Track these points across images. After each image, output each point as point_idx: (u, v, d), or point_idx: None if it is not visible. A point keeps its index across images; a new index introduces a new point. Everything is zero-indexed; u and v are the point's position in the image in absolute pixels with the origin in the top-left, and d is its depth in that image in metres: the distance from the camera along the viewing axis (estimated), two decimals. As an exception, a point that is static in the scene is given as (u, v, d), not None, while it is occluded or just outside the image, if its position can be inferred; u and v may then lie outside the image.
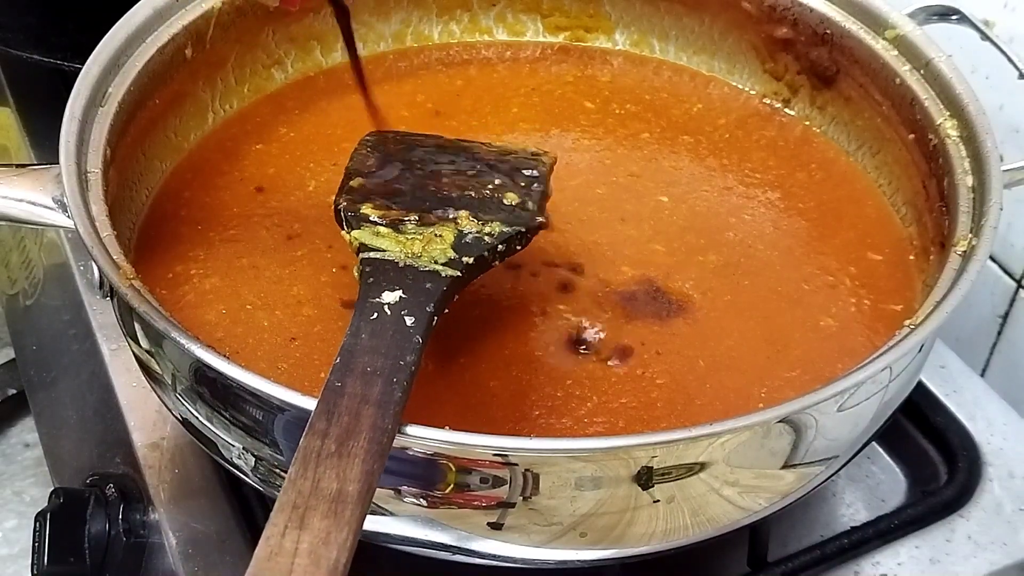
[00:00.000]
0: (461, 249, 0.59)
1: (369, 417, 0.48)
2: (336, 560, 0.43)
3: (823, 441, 0.57)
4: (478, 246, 0.60)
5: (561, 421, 0.60)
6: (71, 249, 0.89)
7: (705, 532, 0.57)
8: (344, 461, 0.46)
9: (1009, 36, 0.81)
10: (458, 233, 0.60)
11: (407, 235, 0.60)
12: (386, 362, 0.51)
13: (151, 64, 0.72)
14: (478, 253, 0.60)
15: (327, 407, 0.48)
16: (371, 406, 0.48)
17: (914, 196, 0.73)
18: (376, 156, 0.67)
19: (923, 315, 0.58)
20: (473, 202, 0.63)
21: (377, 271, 0.58)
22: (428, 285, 0.57)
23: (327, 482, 0.45)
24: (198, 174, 0.76)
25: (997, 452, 0.76)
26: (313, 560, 0.42)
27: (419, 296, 0.56)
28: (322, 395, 0.49)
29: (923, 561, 0.70)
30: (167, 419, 0.74)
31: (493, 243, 0.61)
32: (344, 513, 0.44)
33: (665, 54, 0.90)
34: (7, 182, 0.62)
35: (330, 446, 0.47)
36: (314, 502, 0.44)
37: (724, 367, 0.64)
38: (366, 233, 0.60)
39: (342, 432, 0.47)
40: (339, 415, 0.48)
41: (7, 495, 1.10)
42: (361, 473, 0.46)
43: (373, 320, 0.54)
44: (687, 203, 0.76)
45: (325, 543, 0.43)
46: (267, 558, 0.42)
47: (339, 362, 0.51)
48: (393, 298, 0.55)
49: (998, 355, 0.92)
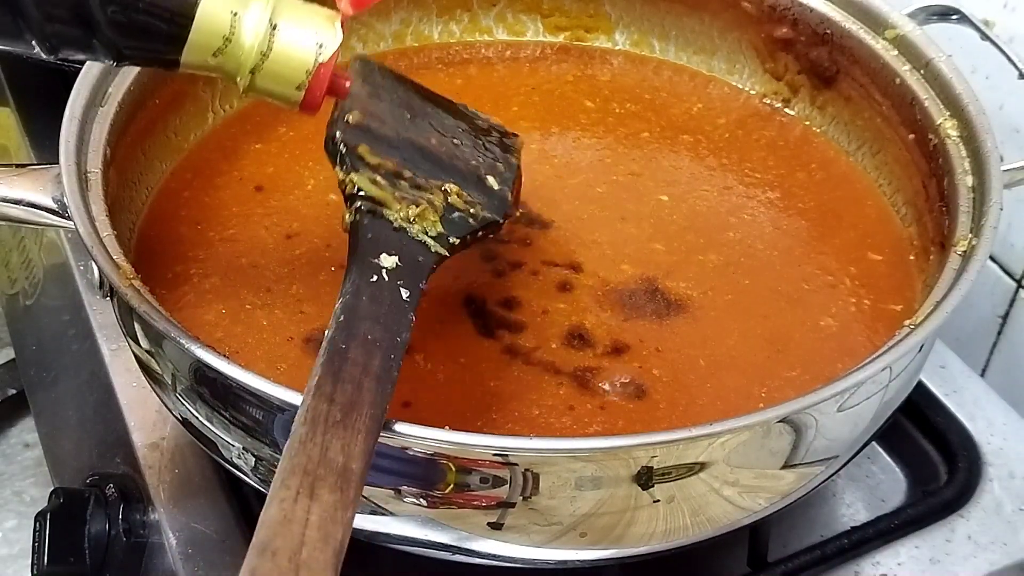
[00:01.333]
0: (449, 226, 0.58)
1: (370, 392, 0.47)
2: (341, 541, 0.43)
3: (823, 441, 0.57)
4: (464, 227, 0.59)
5: (561, 421, 0.60)
6: (71, 249, 0.89)
7: (705, 532, 0.57)
8: (349, 434, 0.45)
9: (1009, 36, 0.81)
10: (446, 207, 0.59)
11: (401, 192, 0.58)
12: (385, 335, 0.50)
13: (151, 64, 0.72)
14: (463, 234, 0.58)
15: (332, 369, 0.48)
16: (371, 379, 0.48)
17: (914, 196, 0.73)
18: (367, 88, 0.63)
19: (923, 315, 0.58)
20: (462, 176, 0.61)
21: (375, 227, 0.56)
22: (420, 258, 0.56)
23: (334, 453, 0.45)
24: (198, 174, 0.76)
25: (997, 452, 0.76)
26: (322, 536, 0.42)
27: (412, 268, 0.54)
28: (327, 355, 0.48)
29: (923, 561, 0.70)
30: (167, 419, 0.74)
31: (476, 227, 0.59)
32: (348, 491, 0.44)
33: (665, 54, 0.90)
34: (7, 182, 0.62)
35: (335, 413, 0.46)
36: (323, 472, 0.44)
37: (724, 367, 0.64)
38: (364, 179, 0.58)
39: (346, 402, 0.47)
40: (343, 381, 0.47)
41: (7, 495, 1.10)
42: (363, 451, 0.45)
43: (373, 283, 0.53)
44: (687, 202, 0.76)
45: (332, 520, 0.43)
46: (281, 522, 0.42)
47: (343, 320, 0.50)
48: (391, 263, 0.54)
49: (998, 355, 0.92)
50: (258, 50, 0.52)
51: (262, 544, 0.41)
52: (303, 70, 0.52)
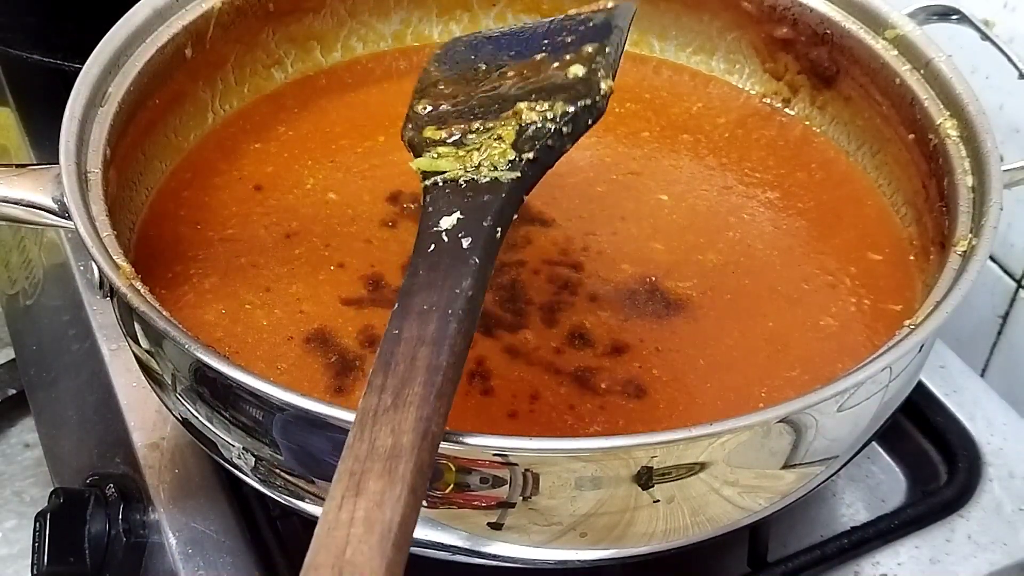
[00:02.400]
0: (521, 146, 0.55)
1: (424, 358, 0.45)
2: (390, 520, 0.40)
3: (823, 441, 0.57)
4: (539, 135, 0.55)
5: (561, 420, 0.60)
6: (71, 249, 0.89)
7: (705, 532, 0.57)
8: (400, 413, 0.43)
9: (1009, 36, 0.81)
10: (519, 128, 0.56)
11: (468, 148, 0.56)
12: (441, 295, 0.48)
13: (151, 64, 0.72)
14: (541, 143, 0.55)
15: (384, 359, 0.46)
16: (426, 346, 0.46)
17: (914, 196, 0.73)
18: (443, 69, 0.62)
19: (923, 315, 0.58)
20: (534, 90, 0.57)
21: (437, 197, 0.54)
22: (486, 197, 0.53)
23: (383, 439, 0.43)
24: (197, 174, 0.76)
25: (997, 452, 0.76)
26: (367, 527, 0.40)
27: (477, 213, 0.52)
28: (380, 347, 0.47)
29: (923, 561, 0.70)
30: (167, 419, 0.74)
31: (556, 127, 0.56)
32: (398, 468, 0.42)
33: (665, 53, 0.89)
34: (7, 182, 0.62)
35: (386, 400, 0.44)
36: (370, 464, 0.42)
37: (724, 366, 0.64)
38: (426, 159, 0.56)
39: (398, 382, 0.45)
40: (395, 364, 0.45)
41: (7, 495, 1.10)
42: (415, 421, 0.43)
43: (430, 253, 0.51)
44: (687, 202, 0.76)
45: (379, 505, 0.41)
46: (325, 534, 0.40)
47: (397, 307, 0.48)
48: (450, 222, 0.52)
49: (998, 355, 0.92)
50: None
51: (305, 567, 0.40)
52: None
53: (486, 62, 0.62)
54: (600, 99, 0.57)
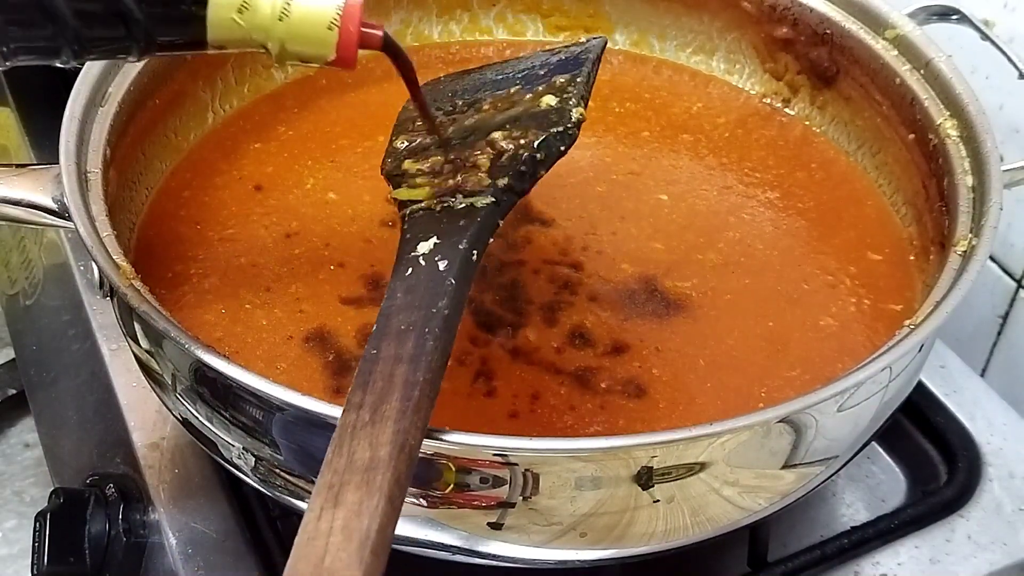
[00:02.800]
0: (496, 173, 0.57)
1: (401, 375, 0.47)
2: (368, 528, 0.41)
3: (823, 441, 0.57)
4: (514, 162, 0.57)
5: (562, 420, 0.60)
6: (71, 249, 0.89)
7: (705, 532, 0.57)
8: (377, 427, 0.45)
9: (1009, 36, 0.81)
10: (494, 156, 0.58)
11: (444, 177, 0.58)
12: (419, 314, 0.49)
13: (151, 64, 0.72)
14: (514, 170, 0.57)
15: (363, 378, 0.47)
16: (403, 364, 0.47)
17: (914, 196, 0.73)
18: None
19: (923, 315, 0.58)
20: (508, 120, 0.60)
21: (414, 224, 0.56)
22: (462, 222, 0.55)
23: (360, 453, 0.44)
24: (197, 174, 0.76)
25: (997, 452, 0.76)
26: (346, 535, 0.41)
27: (452, 237, 0.54)
28: (359, 367, 0.48)
29: (923, 561, 0.70)
30: (167, 419, 0.74)
31: (530, 154, 0.57)
32: (375, 480, 0.43)
33: (665, 53, 0.90)
34: (7, 182, 0.62)
35: (364, 416, 0.45)
36: (348, 476, 0.43)
37: (724, 366, 0.64)
38: (403, 189, 0.58)
39: (376, 399, 0.46)
40: (373, 382, 0.47)
41: (7, 495, 1.10)
42: (392, 434, 0.44)
43: (408, 276, 0.52)
44: (687, 201, 0.76)
45: (357, 514, 0.42)
46: (305, 544, 0.41)
47: (376, 329, 0.49)
48: (427, 247, 0.54)
49: (998, 355, 0.92)
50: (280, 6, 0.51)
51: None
52: (327, 20, 0.52)
53: (463, 98, 0.64)
54: (572, 127, 0.59)
